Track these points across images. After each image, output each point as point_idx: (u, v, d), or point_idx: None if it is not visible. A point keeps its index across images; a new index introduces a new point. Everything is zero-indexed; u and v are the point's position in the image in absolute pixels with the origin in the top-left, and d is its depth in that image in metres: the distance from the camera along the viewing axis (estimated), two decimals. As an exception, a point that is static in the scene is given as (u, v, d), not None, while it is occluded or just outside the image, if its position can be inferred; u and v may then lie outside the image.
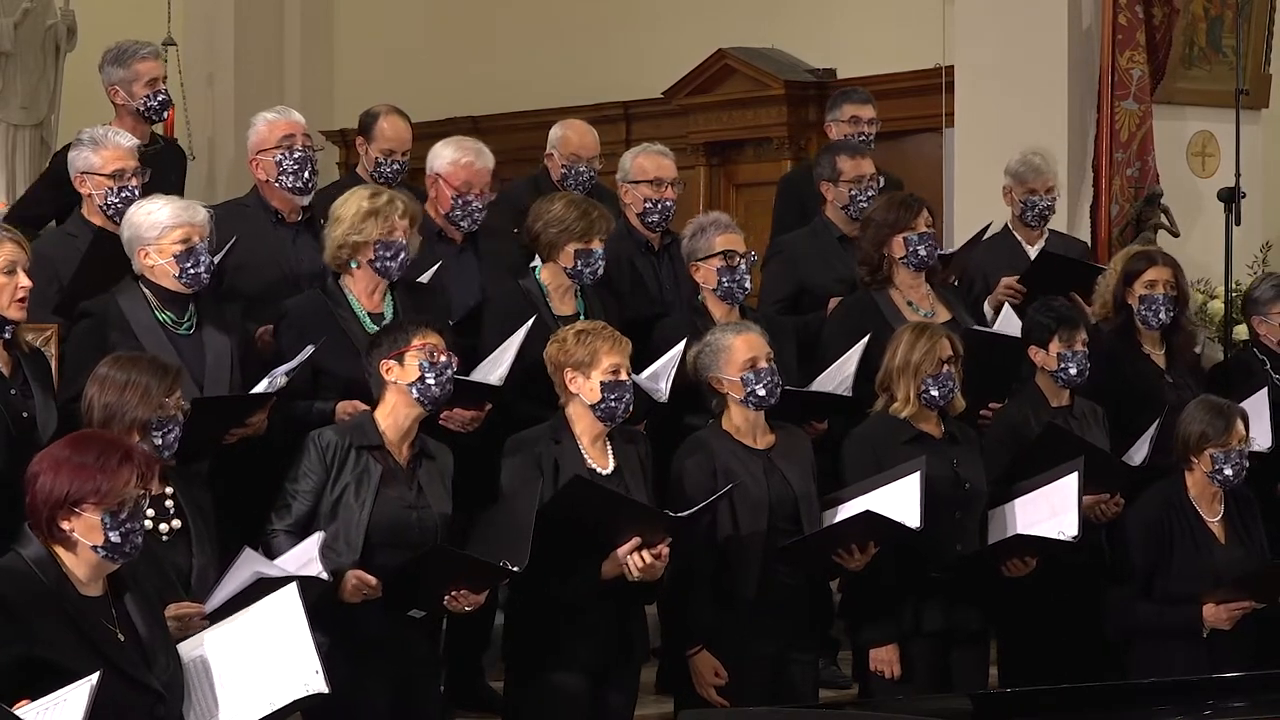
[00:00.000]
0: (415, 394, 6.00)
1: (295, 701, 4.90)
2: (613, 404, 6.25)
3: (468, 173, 7.37)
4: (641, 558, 6.11)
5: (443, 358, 6.03)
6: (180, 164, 8.33)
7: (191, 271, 6.29)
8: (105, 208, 6.91)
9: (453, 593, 5.91)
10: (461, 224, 7.39)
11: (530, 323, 6.64)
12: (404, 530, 5.95)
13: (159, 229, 6.31)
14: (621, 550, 6.13)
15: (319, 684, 4.90)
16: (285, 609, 5.03)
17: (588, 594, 6.17)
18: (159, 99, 7.98)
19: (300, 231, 7.14)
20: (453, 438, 6.48)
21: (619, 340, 6.32)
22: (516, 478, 6.22)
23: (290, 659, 4.93)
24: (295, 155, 7.10)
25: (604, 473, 6.30)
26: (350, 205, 6.58)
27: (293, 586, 5.11)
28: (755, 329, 6.69)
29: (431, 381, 6.00)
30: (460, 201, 7.36)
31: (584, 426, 6.31)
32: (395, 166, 7.99)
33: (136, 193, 6.86)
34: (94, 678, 4.42)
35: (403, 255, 6.54)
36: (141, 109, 7.96)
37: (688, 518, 6.19)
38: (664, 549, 6.14)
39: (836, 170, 8.11)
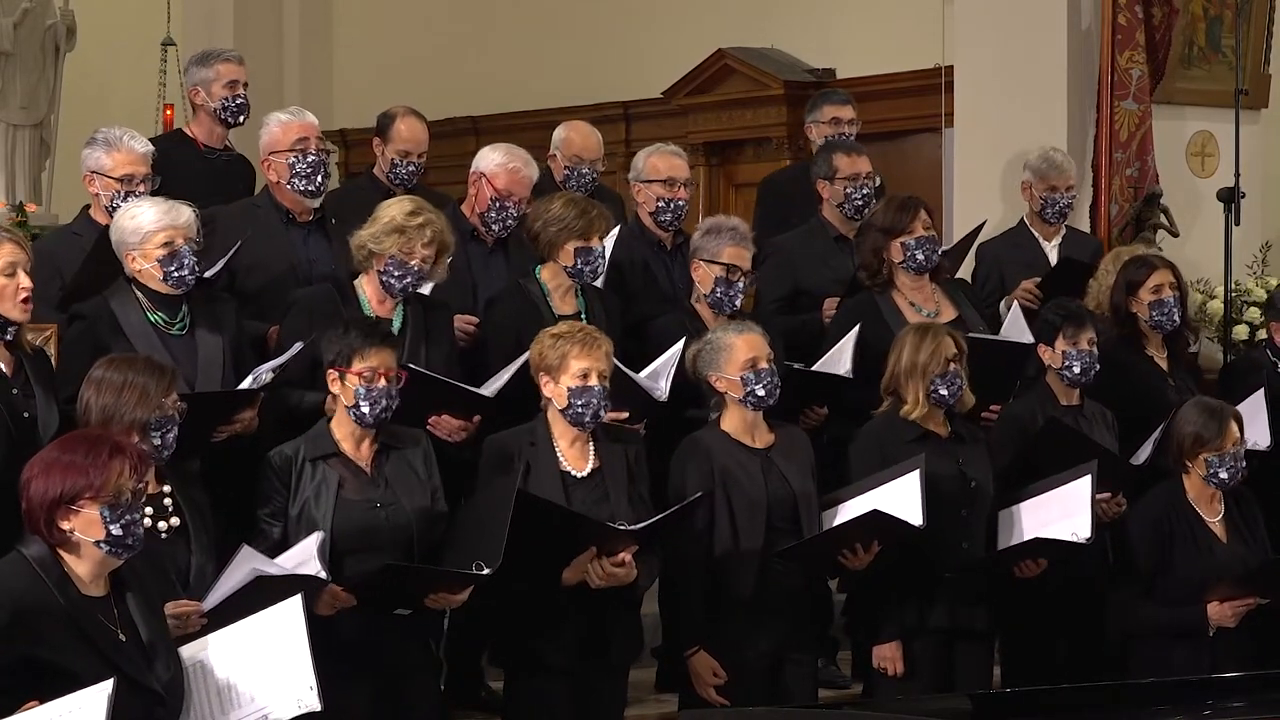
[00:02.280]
0: (353, 417, 5.97)
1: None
2: (579, 409, 6.21)
3: (513, 179, 7.38)
4: (601, 566, 6.09)
5: (381, 383, 5.94)
6: (250, 177, 8.31)
7: (175, 274, 6.30)
8: (110, 209, 6.91)
9: (431, 595, 5.89)
10: (494, 227, 7.40)
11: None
12: (373, 532, 5.91)
13: (141, 234, 6.31)
14: (578, 560, 6.10)
15: (312, 700, 4.90)
16: (287, 620, 5.02)
17: (553, 597, 6.14)
18: (237, 102, 7.98)
19: (312, 231, 7.15)
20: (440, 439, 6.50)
21: (591, 344, 6.25)
22: (496, 479, 6.17)
23: (287, 672, 4.93)
24: (309, 159, 7.11)
25: (579, 475, 6.26)
26: (386, 213, 6.58)
27: (298, 599, 5.09)
28: (757, 329, 6.68)
29: (366, 410, 5.93)
30: (498, 205, 7.37)
31: (562, 429, 6.28)
32: (411, 168, 8.01)
33: (140, 198, 6.87)
34: (108, 684, 4.41)
35: (409, 279, 6.52)
36: (218, 109, 7.97)
37: (642, 531, 6.12)
38: (626, 556, 6.09)
39: (833, 168, 8.11)
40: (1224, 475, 6.92)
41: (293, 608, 5.05)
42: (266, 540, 5.84)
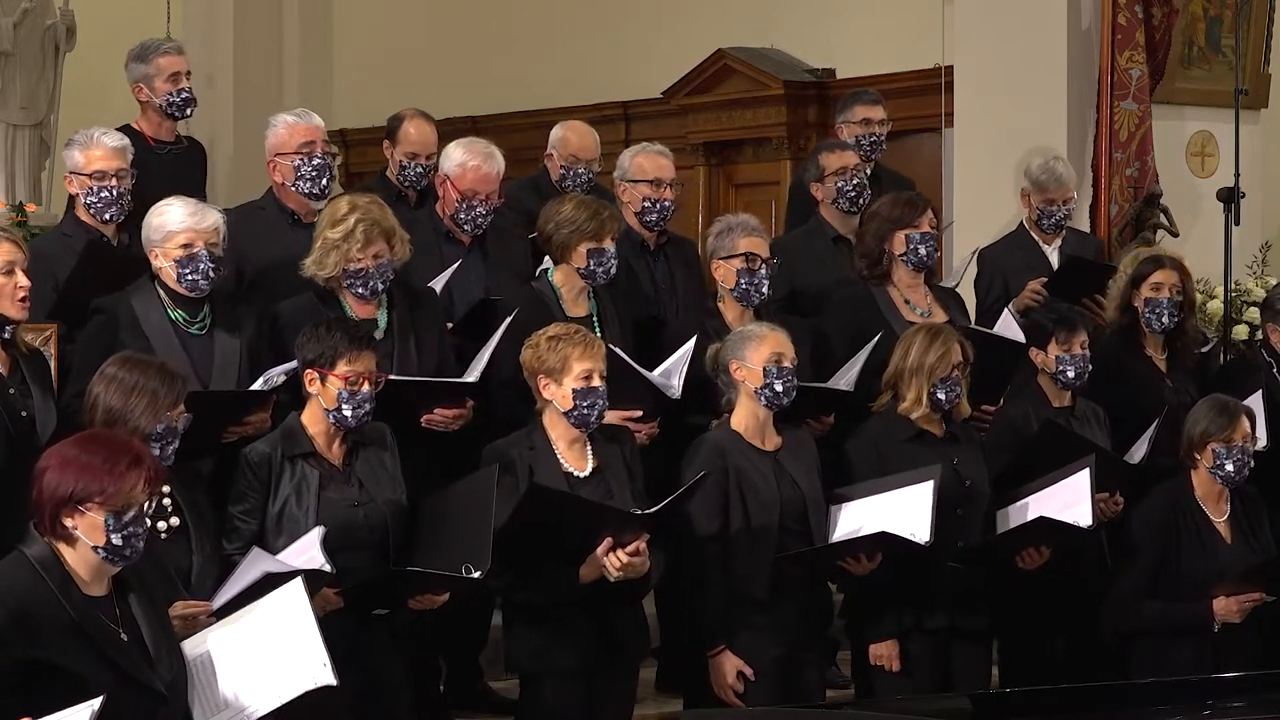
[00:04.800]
0: (332, 420, 5.94)
1: (303, 695, 4.89)
2: (585, 411, 6.19)
3: (474, 177, 7.35)
4: (618, 557, 6.07)
5: (364, 388, 5.92)
6: (202, 163, 8.32)
7: (190, 277, 6.30)
8: (86, 206, 6.98)
9: (416, 597, 5.88)
10: (465, 227, 7.37)
11: (511, 317, 6.61)
12: (353, 530, 5.89)
13: (163, 233, 6.34)
14: (593, 556, 6.07)
15: (326, 676, 4.90)
16: (291, 603, 5.03)
17: (568, 598, 6.13)
18: (182, 96, 7.97)
19: None
20: (441, 437, 6.49)
21: (591, 345, 6.24)
22: (470, 477, 6.12)
23: (297, 653, 4.93)
24: (314, 163, 7.10)
25: (581, 475, 6.25)
26: (319, 233, 6.53)
27: (298, 581, 5.10)
28: (785, 332, 6.68)
29: (348, 413, 5.91)
30: (465, 205, 7.34)
31: (560, 431, 6.26)
32: (419, 170, 7.99)
33: (114, 193, 6.93)
34: (96, 703, 4.39)
35: (374, 282, 6.49)
36: (164, 105, 7.96)
37: (656, 514, 6.12)
38: (640, 545, 6.07)
39: (820, 168, 8.13)
40: (1230, 468, 6.92)
41: (295, 591, 5.05)
42: (240, 539, 5.82)
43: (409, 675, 6.13)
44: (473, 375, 6.51)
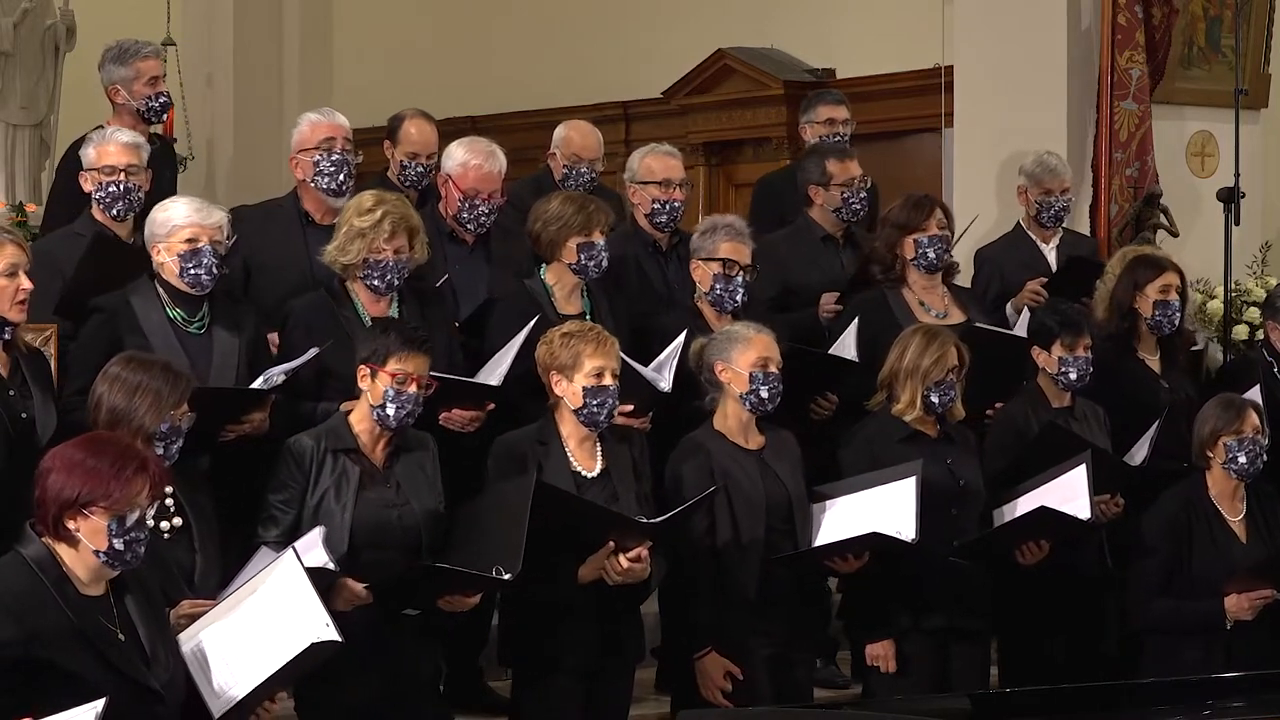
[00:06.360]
0: (375, 417, 5.97)
1: (310, 651, 4.91)
2: (595, 409, 6.20)
3: (475, 176, 7.37)
4: (618, 562, 6.07)
5: (411, 389, 5.95)
6: (173, 165, 8.33)
7: (193, 272, 6.31)
8: (96, 201, 6.99)
9: (446, 597, 5.90)
10: (467, 226, 7.40)
11: (533, 323, 6.63)
12: (386, 530, 5.91)
13: (168, 227, 6.37)
14: (594, 557, 6.09)
15: (331, 635, 4.92)
16: (288, 577, 5.06)
17: (568, 596, 6.13)
18: (160, 100, 7.99)
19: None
20: (452, 437, 6.49)
21: (604, 342, 6.25)
22: (508, 481, 6.15)
23: (299, 618, 4.96)
24: (333, 158, 7.13)
25: (590, 475, 6.26)
26: (344, 220, 6.58)
27: (290, 554, 5.14)
28: (772, 335, 6.67)
29: (391, 412, 5.94)
30: (467, 204, 7.36)
31: (571, 428, 6.27)
32: (420, 170, 7.99)
33: (121, 188, 6.94)
34: (100, 704, 4.40)
35: (390, 276, 6.52)
36: (141, 109, 7.97)
37: (662, 523, 6.13)
38: (642, 552, 6.08)
39: (826, 174, 8.12)
40: (1243, 460, 6.92)
41: (289, 563, 5.08)
42: (277, 527, 5.86)
43: (435, 675, 6.17)
44: (496, 379, 6.52)
